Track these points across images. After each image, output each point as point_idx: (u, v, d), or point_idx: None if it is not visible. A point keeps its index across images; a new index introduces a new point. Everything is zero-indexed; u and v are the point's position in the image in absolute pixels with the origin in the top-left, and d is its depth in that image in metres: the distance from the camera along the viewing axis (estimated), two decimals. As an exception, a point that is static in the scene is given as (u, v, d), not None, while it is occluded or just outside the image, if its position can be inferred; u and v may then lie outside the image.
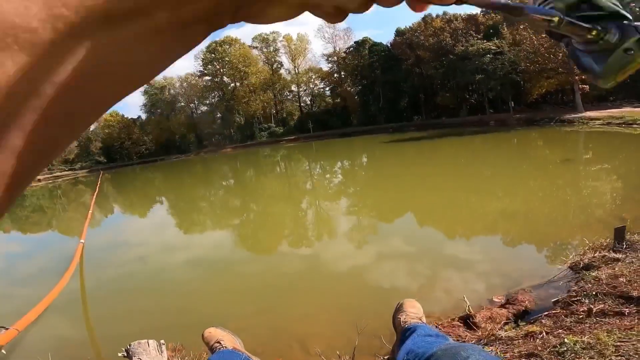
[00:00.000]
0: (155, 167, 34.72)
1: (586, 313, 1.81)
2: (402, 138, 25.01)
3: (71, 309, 4.09)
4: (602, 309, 1.82)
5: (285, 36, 44.67)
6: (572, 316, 1.88)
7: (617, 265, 2.44)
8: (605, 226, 3.66)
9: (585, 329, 1.64)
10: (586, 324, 1.72)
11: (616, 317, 1.70)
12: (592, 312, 1.80)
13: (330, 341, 2.71)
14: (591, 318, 1.77)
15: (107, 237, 8.65)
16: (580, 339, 1.46)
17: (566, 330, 1.73)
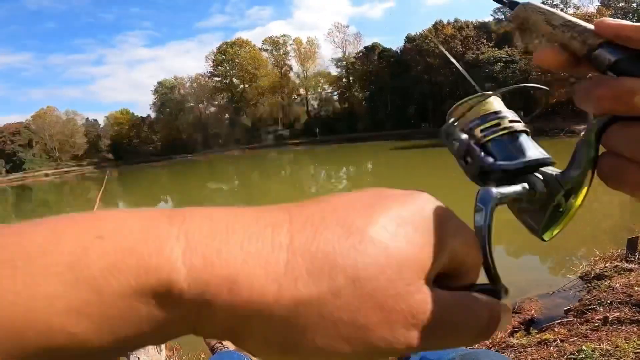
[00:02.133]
0: (161, 166, 34.97)
1: (602, 321, 1.78)
2: (408, 145, 24.97)
3: None
4: (618, 317, 1.79)
5: (296, 39, 45.04)
6: (587, 324, 1.85)
7: (631, 275, 2.41)
8: (613, 238, 3.62)
9: (602, 337, 1.61)
10: (602, 332, 1.69)
11: (633, 324, 1.68)
12: (609, 319, 1.78)
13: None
14: (607, 326, 1.74)
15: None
16: (599, 346, 1.43)
17: (582, 338, 1.70)
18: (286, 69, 45.56)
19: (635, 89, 0.20)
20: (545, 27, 0.25)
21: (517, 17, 0.28)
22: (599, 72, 0.22)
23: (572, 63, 0.24)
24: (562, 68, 0.25)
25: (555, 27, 0.25)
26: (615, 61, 0.21)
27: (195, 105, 46.67)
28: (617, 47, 0.21)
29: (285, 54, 45.35)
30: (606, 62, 0.22)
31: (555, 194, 0.22)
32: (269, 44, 45.38)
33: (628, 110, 0.20)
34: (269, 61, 45.14)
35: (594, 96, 0.21)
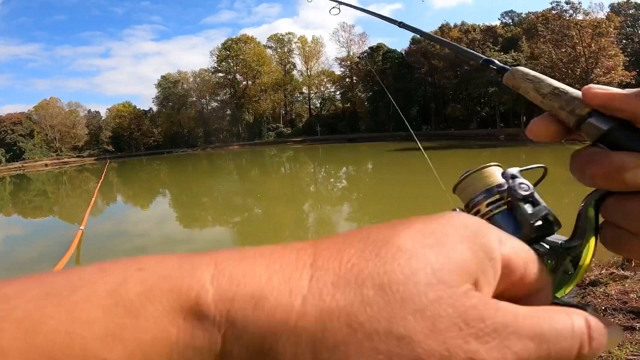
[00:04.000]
0: (161, 159, 34.93)
1: None
2: (409, 147, 24.84)
3: None
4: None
5: (300, 38, 45.02)
6: None
7: (626, 282, 2.37)
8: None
9: None
10: None
11: (627, 331, 1.64)
12: None
13: None
14: None
15: (108, 226, 8.63)
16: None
17: None
18: (290, 66, 45.55)
19: (624, 166, 0.19)
20: (535, 95, 0.26)
21: (508, 84, 0.28)
22: (590, 141, 0.22)
23: (564, 132, 0.24)
24: (555, 139, 0.25)
25: (544, 96, 0.25)
26: (604, 133, 0.21)
27: (197, 100, 46.64)
28: (605, 115, 0.21)
29: (289, 51, 45.35)
30: (596, 133, 0.22)
31: (562, 262, 0.23)
32: (273, 41, 45.37)
33: (620, 187, 0.20)
34: (273, 58, 45.13)
35: (586, 174, 0.22)
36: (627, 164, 0.19)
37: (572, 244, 0.23)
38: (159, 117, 46.23)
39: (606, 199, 0.22)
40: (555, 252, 0.23)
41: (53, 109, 44.27)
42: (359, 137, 37.11)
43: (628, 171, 0.19)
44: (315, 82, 44.85)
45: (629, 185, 0.20)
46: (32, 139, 42.54)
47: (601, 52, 23.80)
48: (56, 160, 41.37)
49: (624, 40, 28.62)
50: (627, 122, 0.21)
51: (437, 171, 7.31)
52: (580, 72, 24.32)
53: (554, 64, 25.75)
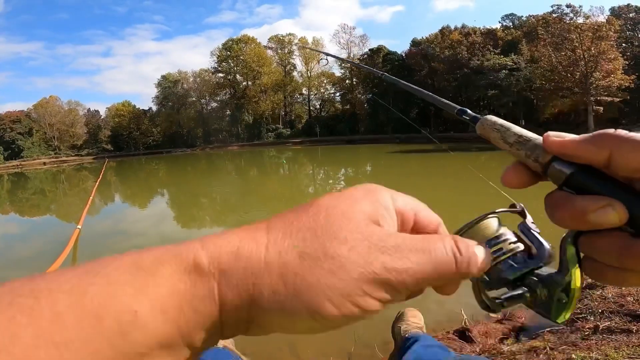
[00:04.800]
0: (160, 159, 34.84)
1: (592, 330, 1.74)
2: (408, 149, 24.92)
3: None
4: (608, 326, 1.75)
5: (301, 39, 45.05)
6: (577, 332, 1.81)
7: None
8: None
9: (592, 345, 1.57)
10: (592, 341, 1.65)
11: (624, 334, 1.64)
12: (599, 329, 1.73)
13: (323, 347, 2.62)
14: (597, 335, 1.70)
15: (106, 225, 8.58)
16: (588, 354, 1.38)
17: (571, 346, 1.65)
18: (290, 67, 45.57)
19: (586, 209, 0.21)
20: (503, 144, 0.28)
21: (480, 133, 0.31)
22: (557, 185, 0.24)
23: (534, 178, 0.26)
24: (527, 186, 0.27)
25: (511, 145, 0.27)
26: (566, 177, 0.23)
27: (197, 100, 46.61)
28: (566, 161, 0.23)
29: (290, 52, 45.38)
30: (560, 178, 0.23)
31: (554, 293, 0.25)
32: (274, 42, 45.41)
33: (587, 227, 0.22)
34: (274, 59, 45.15)
35: (556, 217, 0.24)
36: (588, 207, 0.21)
37: (560, 276, 0.25)
38: (158, 116, 46.18)
39: (580, 237, 0.24)
40: (546, 284, 0.25)
41: (52, 108, 44.18)
42: (358, 139, 37.12)
43: (590, 214, 0.21)
44: (315, 83, 44.89)
45: (593, 225, 0.22)
46: (30, 137, 42.43)
47: (601, 56, 23.77)
48: (54, 158, 41.26)
49: (623, 44, 28.65)
50: (587, 166, 0.22)
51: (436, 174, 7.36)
52: (579, 76, 24.32)
53: (553, 68, 25.76)
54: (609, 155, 0.22)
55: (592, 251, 0.24)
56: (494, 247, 0.27)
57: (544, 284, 0.25)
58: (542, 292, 0.25)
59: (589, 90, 23.92)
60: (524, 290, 0.26)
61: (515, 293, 0.26)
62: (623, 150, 0.21)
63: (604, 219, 0.21)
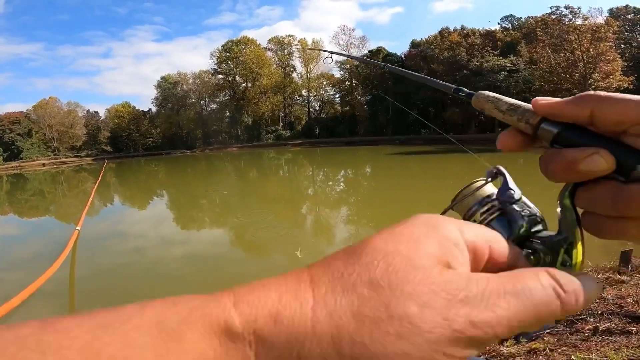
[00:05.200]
0: (159, 160, 34.84)
1: (592, 331, 1.73)
2: (408, 151, 24.95)
3: (58, 298, 3.99)
4: (608, 328, 1.74)
5: (300, 40, 45.11)
6: (577, 334, 1.80)
7: (623, 287, 2.36)
8: (605, 251, 3.57)
9: (592, 347, 1.56)
10: (592, 342, 1.64)
11: (623, 335, 1.63)
12: (599, 330, 1.72)
13: None
14: (597, 336, 1.69)
15: (105, 227, 8.57)
16: (588, 356, 1.37)
17: (571, 348, 1.64)
18: (289, 69, 45.60)
19: (575, 159, 0.22)
20: (497, 113, 0.30)
21: (475, 106, 0.34)
22: (548, 145, 0.25)
23: (528, 141, 0.27)
24: (522, 149, 0.28)
25: (504, 113, 0.29)
26: (554, 135, 0.24)
27: (196, 101, 46.62)
28: (555, 121, 0.25)
29: (289, 54, 45.43)
30: (549, 136, 0.25)
31: (557, 255, 0.25)
32: (274, 43, 45.44)
33: (580, 177, 0.23)
34: (273, 61, 45.20)
35: (550, 172, 0.24)
36: (577, 156, 0.22)
37: (561, 236, 0.25)
38: (157, 118, 46.17)
39: (575, 193, 0.25)
40: (549, 246, 0.25)
41: (52, 109, 44.16)
42: (357, 141, 37.14)
43: (579, 162, 0.22)
44: (315, 84, 44.91)
45: (584, 174, 0.22)
46: (30, 139, 42.38)
47: (599, 57, 23.77)
48: (54, 160, 41.21)
49: (622, 45, 28.68)
50: (572, 124, 0.24)
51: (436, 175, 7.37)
52: (578, 77, 24.34)
53: (552, 69, 25.78)
54: (591, 113, 0.23)
55: (588, 204, 0.24)
56: (485, 205, 0.28)
57: (546, 245, 0.26)
58: (546, 255, 0.25)
59: (587, 92, 23.95)
60: (527, 253, 0.26)
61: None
62: (602, 106, 0.22)
63: (593, 165, 0.22)
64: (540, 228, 0.27)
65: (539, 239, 0.26)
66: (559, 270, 0.20)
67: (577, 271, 0.24)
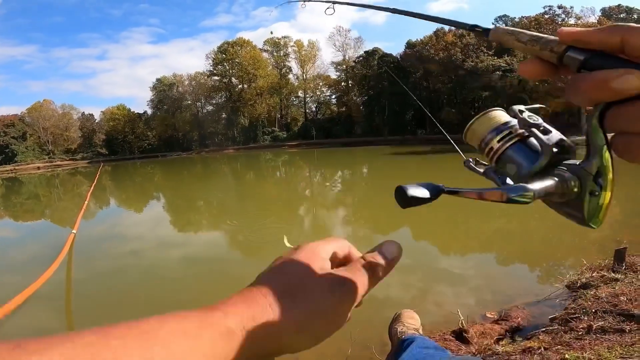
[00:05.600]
0: (155, 163, 34.67)
1: (586, 330, 1.75)
2: (404, 151, 25.02)
3: (54, 301, 3.98)
4: (602, 326, 1.76)
5: (297, 41, 45.13)
6: (571, 332, 1.82)
7: (617, 285, 2.39)
8: (600, 249, 3.61)
9: (586, 345, 1.58)
10: (586, 340, 1.66)
11: (617, 334, 1.65)
12: (592, 328, 1.74)
13: (321, 349, 2.63)
14: (591, 335, 1.71)
15: (101, 230, 8.53)
16: (582, 354, 1.39)
17: (565, 346, 1.66)
18: (286, 70, 45.61)
19: (608, 78, 0.22)
20: (518, 44, 0.29)
21: (494, 40, 0.34)
22: (575, 73, 0.25)
23: (551, 70, 0.27)
24: (544, 76, 0.28)
25: (525, 43, 0.29)
26: (583, 61, 0.24)
27: (192, 103, 46.49)
28: (580, 49, 0.25)
29: (285, 55, 45.45)
30: (577, 63, 0.25)
31: (586, 183, 0.25)
32: (270, 44, 45.43)
33: (611, 96, 0.23)
34: (269, 62, 45.18)
35: (580, 90, 0.24)
36: (609, 75, 0.22)
37: (590, 162, 0.24)
38: (153, 120, 46.01)
39: (606, 115, 0.24)
40: (577, 174, 0.25)
41: (46, 111, 43.88)
42: (354, 142, 37.19)
43: (612, 81, 0.22)
44: (311, 85, 44.95)
45: (617, 92, 0.22)
46: (24, 142, 42.07)
47: None
48: (49, 163, 40.93)
49: None
50: (601, 51, 0.24)
51: (433, 176, 7.36)
52: (572, 76, 24.58)
53: (547, 69, 25.97)
54: (621, 40, 0.23)
55: (623, 122, 0.23)
56: (502, 132, 0.28)
57: (574, 173, 0.25)
58: (574, 183, 0.25)
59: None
60: (555, 180, 0.25)
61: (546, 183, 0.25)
62: (634, 33, 0.22)
63: (626, 84, 0.22)
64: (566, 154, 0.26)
65: (566, 167, 0.26)
66: (368, 253, 0.35)
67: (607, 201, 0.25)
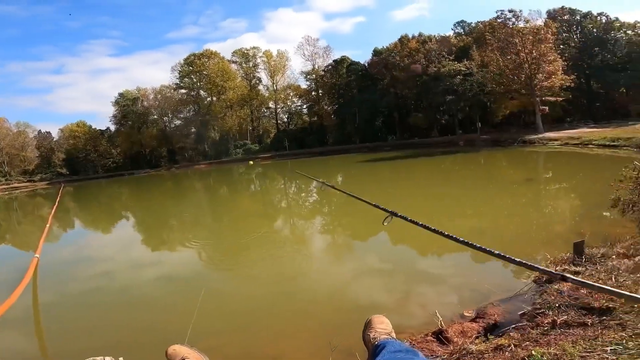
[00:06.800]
0: (122, 181, 33.28)
1: (551, 325, 1.86)
2: (376, 157, 25.49)
3: (23, 325, 3.80)
4: (565, 321, 1.87)
5: (266, 52, 45.09)
6: (538, 328, 1.92)
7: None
8: (566, 242, 3.85)
9: (551, 341, 1.67)
10: (551, 336, 1.76)
11: (580, 327, 1.75)
12: (557, 323, 1.85)
13: (303, 356, 2.65)
14: (556, 329, 1.81)
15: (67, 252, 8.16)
16: (547, 350, 1.48)
17: (533, 343, 1.76)
18: (255, 81, 45.39)
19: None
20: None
21: None
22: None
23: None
24: None
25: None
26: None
27: (159, 117, 45.09)
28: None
29: (254, 66, 45.25)
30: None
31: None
32: (238, 56, 45.09)
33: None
34: (238, 73, 44.79)
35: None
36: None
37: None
38: (117, 136, 44.17)
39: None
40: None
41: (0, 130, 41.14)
42: (327, 150, 37.47)
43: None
44: (282, 96, 44.93)
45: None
46: (-25, 165, 39.08)
47: (542, 58, 25.36)
48: (5, 185, 38.20)
49: (561, 46, 31.03)
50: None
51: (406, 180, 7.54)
52: (525, 78, 25.96)
53: (501, 71, 27.38)
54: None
55: None
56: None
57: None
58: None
59: (534, 91, 25.69)
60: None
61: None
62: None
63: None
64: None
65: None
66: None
67: None
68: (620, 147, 15.25)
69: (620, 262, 2.56)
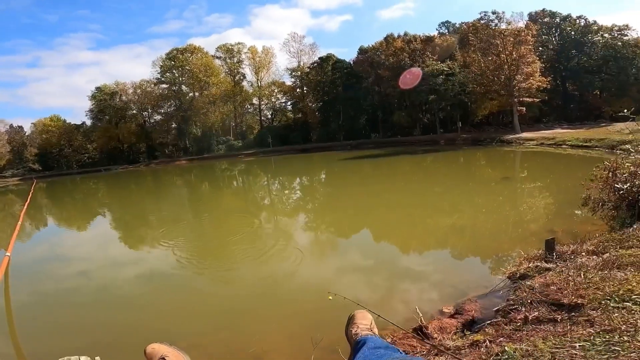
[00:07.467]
0: (98, 177, 32.27)
1: (523, 320, 1.94)
2: (360, 155, 25.67)
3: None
4: (537, 317, 1.94)
5: (251, 48, 44.48)
6: (511, 324, 1.99)
7: (548, 275, 2.66)
8: (540, 239, 4.01)
9: (523, 336, 1.74)
10: (523, 332, 1.82)
11: (550, 323, 1.81)
12: (529, 319, 1.93)
13: (289, 357, 2.67)
14: (528, 325, 1.88)
15: (41, 251, 7.86)
16: (519, 346, 1.54)
17: (506, 338, 1.82)
18: (240, 77, 44.71)
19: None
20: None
21: None
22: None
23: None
24: None
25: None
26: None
27: (138, 112, 43.81)
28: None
29: (239, 62, 44.52)
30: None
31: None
32: (222, 51, 44.24)
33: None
34: (222, 69, 44.00)
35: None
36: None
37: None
38: (93, 131, 42.69)
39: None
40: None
41: (-34, 125, 39.04)
42: (311, 147, 37.42)
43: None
44: (266, 92, 44.48)
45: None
46: (-61, 160, 36.95)
47: (521, 59, 26.15)
48: (-29, 182, 36.30)
49: (540, 48, 32.00)
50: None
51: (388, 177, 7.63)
52: (504, 79, 26.74)
53: (482, 72, 28.08)
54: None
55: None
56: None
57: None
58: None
59: (512, 92, 26.50)
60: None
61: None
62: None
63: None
64: None
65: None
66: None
67: None
68: (592, 147, 15.93)
69: (589, 259, 2.69)
